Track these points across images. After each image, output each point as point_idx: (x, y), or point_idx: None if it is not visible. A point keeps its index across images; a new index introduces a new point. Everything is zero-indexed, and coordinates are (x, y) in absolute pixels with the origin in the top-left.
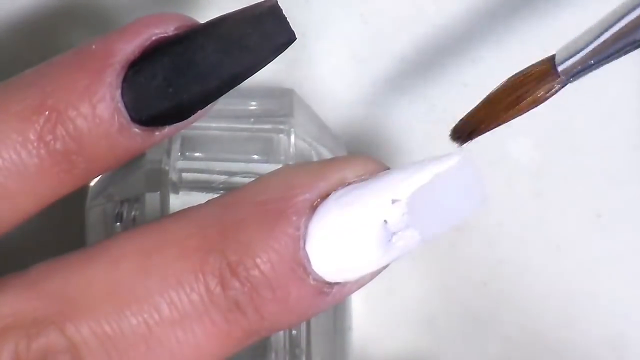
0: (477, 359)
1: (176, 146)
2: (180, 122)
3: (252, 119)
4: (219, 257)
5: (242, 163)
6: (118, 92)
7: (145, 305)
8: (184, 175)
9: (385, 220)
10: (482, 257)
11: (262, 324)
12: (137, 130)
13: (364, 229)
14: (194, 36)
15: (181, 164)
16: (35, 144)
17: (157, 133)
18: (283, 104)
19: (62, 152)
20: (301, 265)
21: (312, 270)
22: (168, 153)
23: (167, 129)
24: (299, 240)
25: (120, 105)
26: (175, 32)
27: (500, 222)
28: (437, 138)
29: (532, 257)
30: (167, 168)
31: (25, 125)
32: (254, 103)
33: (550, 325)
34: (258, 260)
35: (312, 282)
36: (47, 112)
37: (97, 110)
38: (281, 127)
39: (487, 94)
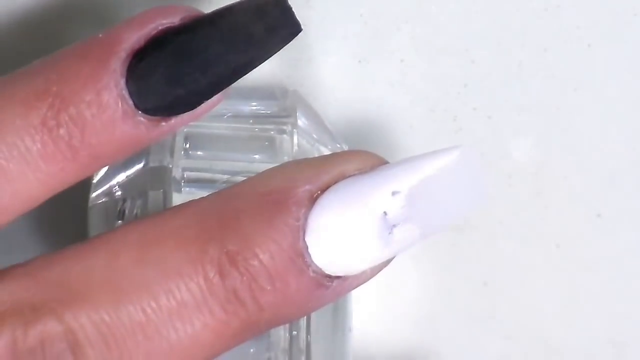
0: (477, 359)
1: (180, 145)
2: (186, 115)
3: (251, 120)
4: (217, 247)
5: (246, 163)
6: (122, 80)
7: (144, 295)
8: (187, 173)
9: (384, 212)
10: (482, 257)
11: (261, 315)
12: (141, 119)
13: (364, 220)
14: (200, 26)
15: (184, 162)
16: (38, 130)
17: (162, 124)
18: (286, 104)
19: (65, 138)
20: (300, 256)
21: (312, 261)
22: (172, 151)
23: (174, 121)
24: (299, 231)
25: (125, 92)
26: (181, 22)
27: (501, 221)
28: (437, 138)
29: (532, 257)
30: (170, 166)
31: (29, 111)
32: (257, 103)
33: (550, 325)
34: (257, 250)
35: (311, 273)
36: (50, 99)
37: (101, 96)
38: (284, 127)
39: None
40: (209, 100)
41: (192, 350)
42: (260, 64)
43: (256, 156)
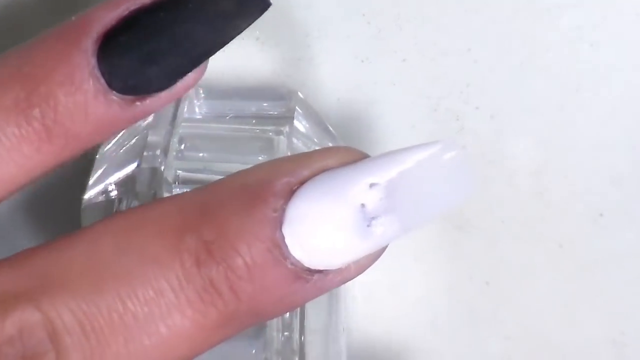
0: (479, 359)
1: (174, 146)
2: (163, 94)
3: (254, 120)
4: (195, 237)
5: (241, 164)
6: (94, 59)
7: (122, 284)
8: (182, 174)
9: (362, 204)
10: (483, 257)
11: (239, 305)
12: (114, 97)
13: (341, 212)
14: (170, 5)
15: (177, 164)
16: (11, 111)
17: (137, 103)
18: (286, 105)
19: (39, 119)
20: (277, 247)
21: (289, 253)
22: (165, 152)
23: (149, 100)
24: (276, 222)
25: (96, 71)
26: (153, 1)
27: (502, 221)
28: (438, 138)
29: (533, 257)
30: (162, 168)
31: (2, 93)
32: (256, 104)
33: (551, 324)
34: (234, 241)
35: (289, 265)
36: (23, 80)
37: (73, 76)
38: (282, 128)
39: None
40: (184, 80)
41: (171, 340)
42: (229, 41)
43: (252, 158)
